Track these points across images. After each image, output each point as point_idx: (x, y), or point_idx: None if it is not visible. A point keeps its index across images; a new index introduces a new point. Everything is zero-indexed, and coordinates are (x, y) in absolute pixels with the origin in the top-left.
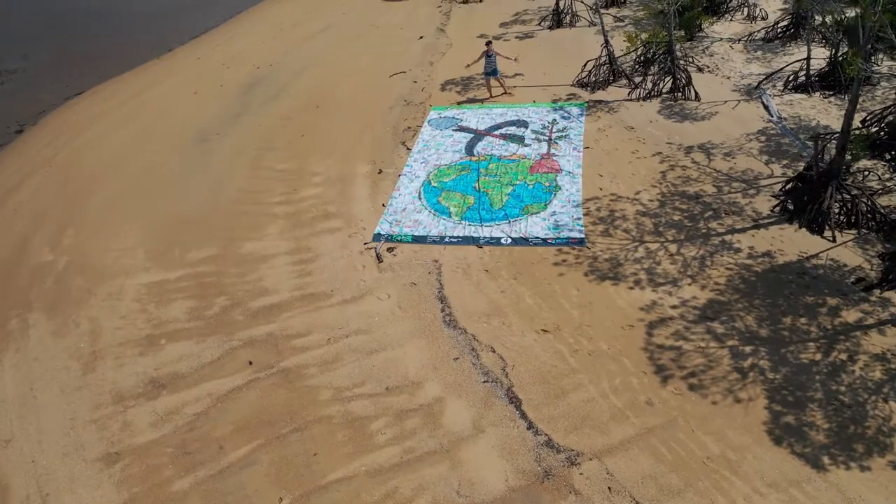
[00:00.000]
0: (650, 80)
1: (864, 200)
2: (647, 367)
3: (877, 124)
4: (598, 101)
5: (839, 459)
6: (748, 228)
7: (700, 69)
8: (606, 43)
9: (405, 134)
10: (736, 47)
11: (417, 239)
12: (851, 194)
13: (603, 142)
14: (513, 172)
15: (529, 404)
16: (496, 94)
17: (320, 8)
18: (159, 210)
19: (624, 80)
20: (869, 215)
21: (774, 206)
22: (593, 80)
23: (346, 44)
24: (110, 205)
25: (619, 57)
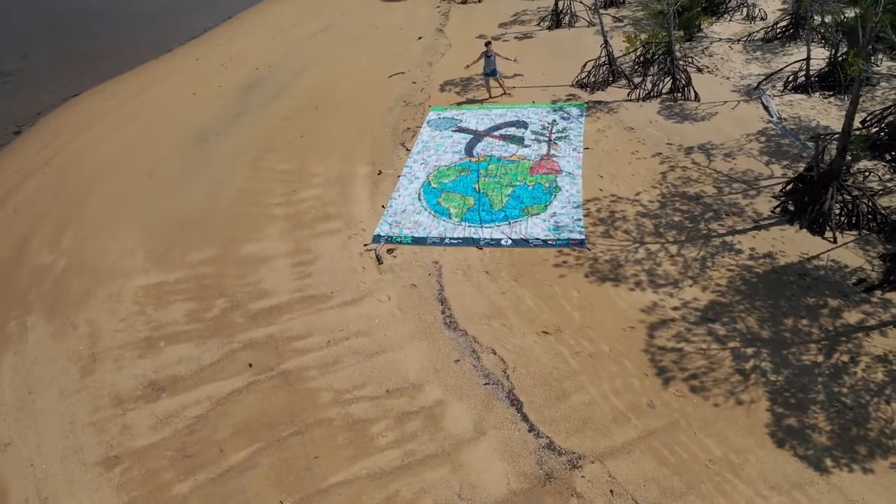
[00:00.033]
0: (650, 80)
1: (865, 201)
2: (649, 369)
3: (877, 125)
4: (598, 102)
5: (842, 462)
6: (749, 229)
7: (699, 69)
8: (606, 43)
9: (405, 135)
10: (735, 48)
11: (417, 240)
12: (852, 195)
13: (603, 142)
14: (512, 173)
15: (531, 406)
16: (495, 94)
17: (319, 8)
18: (158, 211)
19: (623, 81)
20: (870, 216)
21: (775, 207)
22: (593, 80)
23: (346, 44)
24: (109, 206)
25: (618, 57)
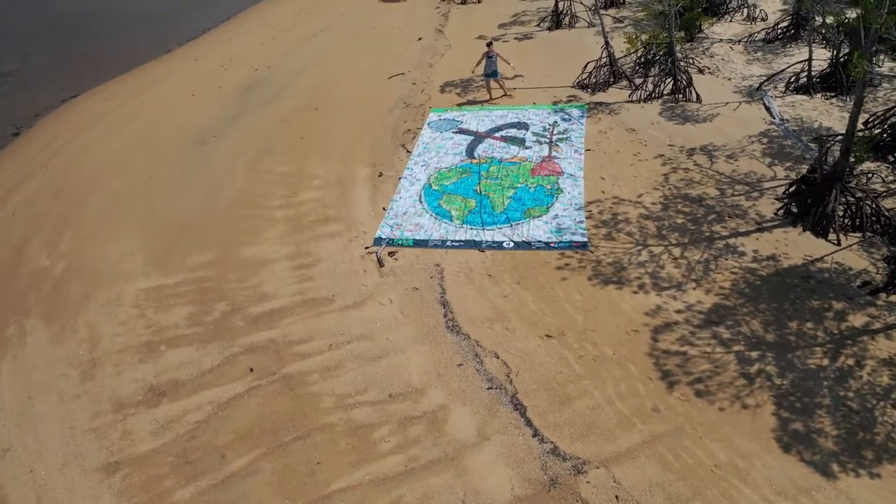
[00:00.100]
0: (651, 81)
1: (869, 203)
2: (653, 373)
3: (879, 126)
4: (599, 103)
5: (848, 467)
6: (752, 231)
7: (701, 70)
8: (607, 44)
9: (405, 136)
10: (736, 48)
11: (419, 243)
12: (856, 197)
13: (604, 144)
14: (514, 175)
15: (534, 411)
16: (496, 95)
17: (318, 9)
18: (158, 213)
19: (624, 82)
20: (873, 218)
21: (778, 209)
22: (593, 81)
23: (345, 45)
24: (108, 208)
25: (619, 58)
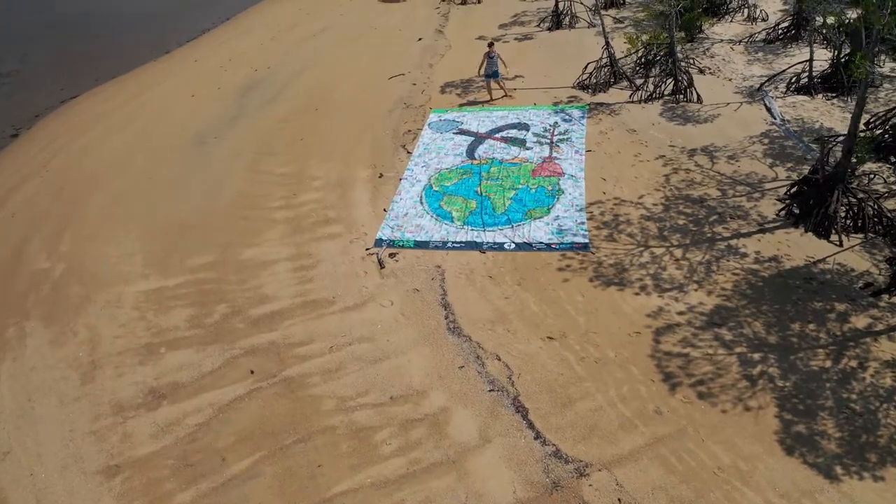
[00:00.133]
0: (651, 82)
1: (871, 204)
2: (655, 375)
3: (881, 127)
4: (600, 104)
5: (852, 469)
6: (754, 232)
7: (701, 71)
8: (607, 45)
9: (405, 137)
10: (737, 49)
11: (419, 244)
12: (858, 198)
13: (605, 145)
14: (515, 176)
15: (536, 413)
16: (496, 96)
17: (318, 9)
18: (157, 215)
19: (625, 82)
20: (875, 219)
21: (780, 210)
22: (594, 82)
23: (345, 45)
24: (108, 209)
25: (619, 59)
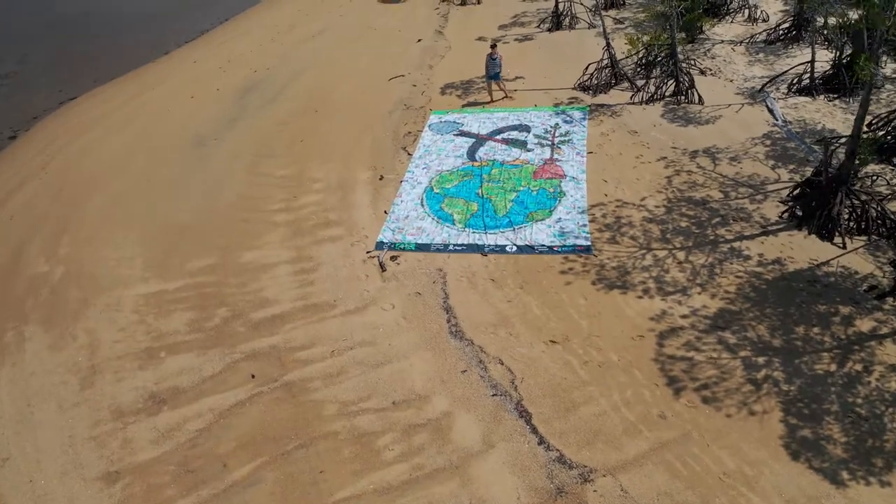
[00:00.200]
0: (652, 83)
1: (874, 206)
2: (659, 379)
3: (883, 128)
4: (601, 105)
5: (858, 474)
6: (757, 235)
7: (702, 72)
8: (608, 45)
9: (406, 139)
10: (738, 49)
11: (421, 247)
12: (861, 200)
13: (606, 146)
14: (516, 178)
15: (540, 418)
16: (497, 97)
17: (317, 10)
18: (157, 217)
19: (626, 84)
20: (879, 221)
21: (783, 213)
22: (595, 83)
23: (344, 46)
24: (107, 211)
25: (620, 60)
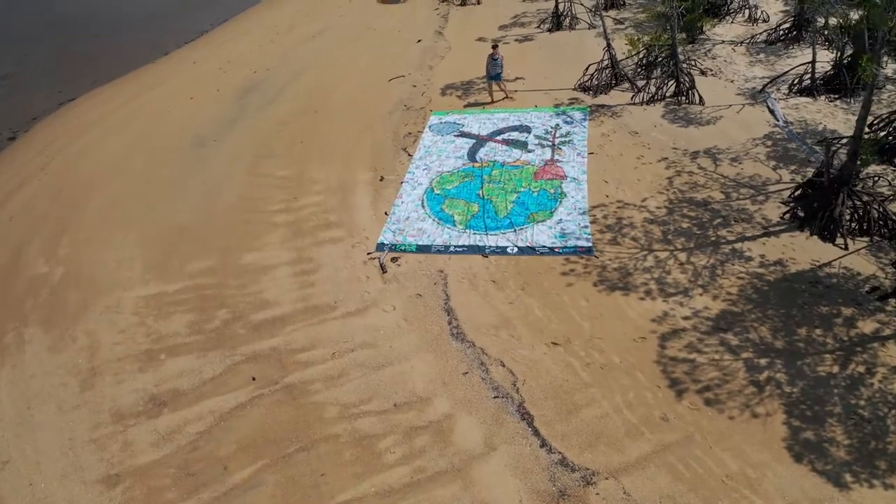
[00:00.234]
0: (653, 83)
1: (876, 207)
2: (661, 381)
3: (885, 128)
4: (601, 106)
5: (861, 477)
6: (758, 236)
7: (703, 72)
8: (608, 46)
9: (406, 140)
10: (738, 50)
11: (422, 248)
12: (863, 200)
13: (607, 147)
14: (517, 179)
15: (542, 420)
16: (498, 98)
17: (317, 10)
18: (157, 218)
19: (626, 84)
20: (881, 222)
21: (784, 213)
22: (595, 83)
23: (344, 47)
24: (106, 213)
25: (620, 60)
